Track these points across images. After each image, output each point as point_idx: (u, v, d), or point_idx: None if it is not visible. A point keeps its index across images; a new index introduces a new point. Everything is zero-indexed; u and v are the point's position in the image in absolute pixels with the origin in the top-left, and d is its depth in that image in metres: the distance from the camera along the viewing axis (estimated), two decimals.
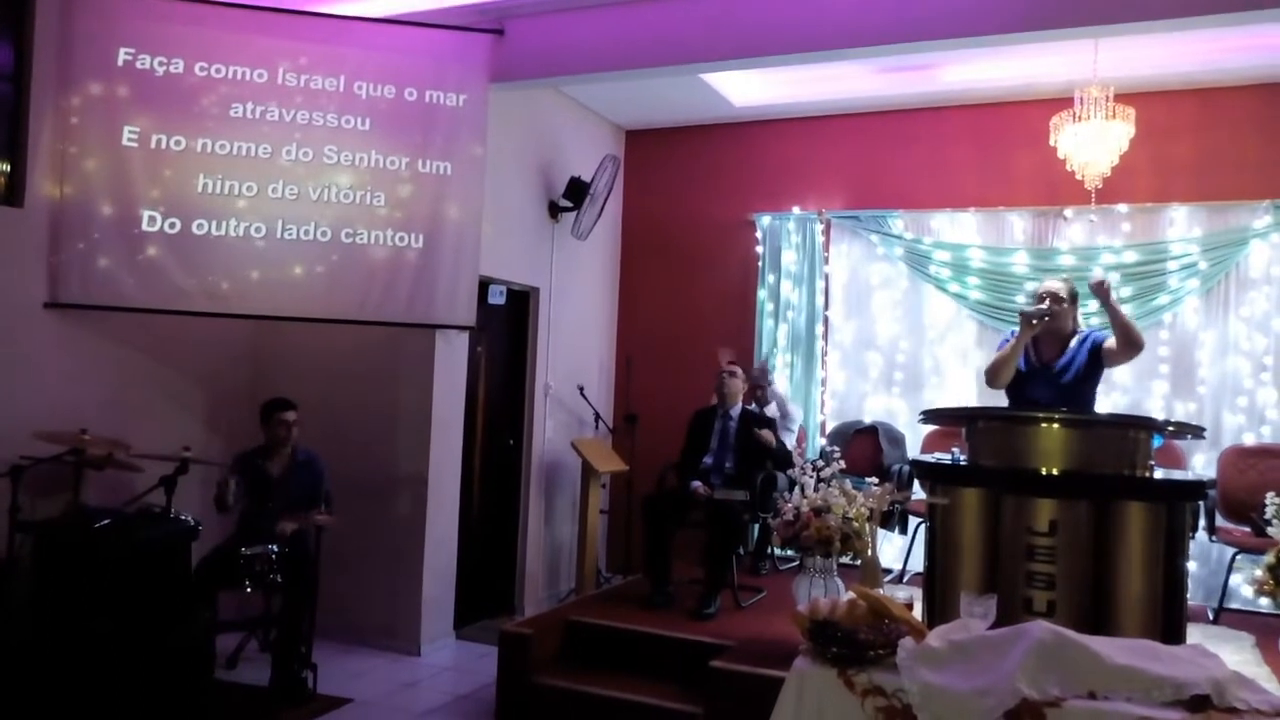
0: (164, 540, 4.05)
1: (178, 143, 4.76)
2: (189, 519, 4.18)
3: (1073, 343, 4.15)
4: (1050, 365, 4.16)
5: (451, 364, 5.59)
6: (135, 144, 4.69)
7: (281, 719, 4.25)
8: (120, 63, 4.66)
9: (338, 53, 5.03)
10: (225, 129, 4.83)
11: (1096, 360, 4.08)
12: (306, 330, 5.45)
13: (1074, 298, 4.18)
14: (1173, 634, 3.47)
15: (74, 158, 4.59)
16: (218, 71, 4.83)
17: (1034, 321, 4.02)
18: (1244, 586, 5.28)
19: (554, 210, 6.42)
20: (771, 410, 6.00)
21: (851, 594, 3.23)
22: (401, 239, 5.12)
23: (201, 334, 5.22)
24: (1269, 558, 3.43)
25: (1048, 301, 4.06)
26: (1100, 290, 3.94)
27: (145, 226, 4.70)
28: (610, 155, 6.48)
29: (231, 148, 4.83)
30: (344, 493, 5.01)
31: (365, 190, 5.06)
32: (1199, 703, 2.67)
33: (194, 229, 4.78)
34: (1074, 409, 4.01)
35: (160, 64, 4.73)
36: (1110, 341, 4.05)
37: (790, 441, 5.88)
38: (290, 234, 4.93)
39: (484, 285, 5.68)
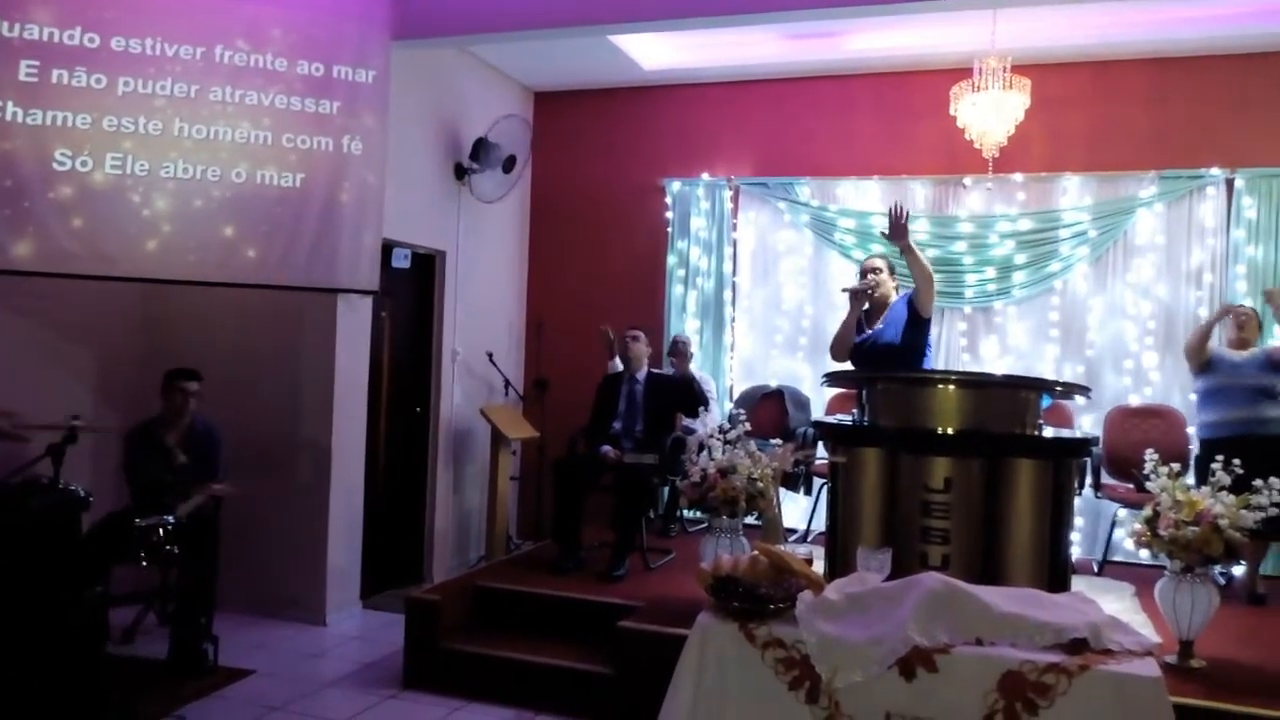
0: (52, 511, 3.89)
1: (59, 98, 4.49)
2: (79, 490, 4.02)
3: (892, 303, 4.54)
4: (878, 331, 4.52)
5: (354, 329, 5.47)
6: (13, 99, 4.43)
7: (180, 692, 4.14)
8: None
9: (234, 5, 4.83)
10: (112, 83, 4.59)
11: (913, 310, 4.42)
12: (202, 292, 5.26)
13: (892, 269, 4.61)
14: (1058, 584, 3.64)
15: None
16: (105, 25, 4.58)
17: (858, 295, 4.49)
18: (1126, 540, 5.56)
19: (460, 172, 6.30)
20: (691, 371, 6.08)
21: (754, 551, 3.29)
22: (299, 199, 4.95)
23: (89, 295, 5.00)
24: (1147, 511, 3.60)
25: (869, 276, 4.51)
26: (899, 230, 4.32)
27: (26, 184, 4.45)
28: (510, 115, 6.37)
29: (119, 101, 4.60)
30: (245, 461, 4.88)
31: (261, 148, 4.86)
32: (1077, 645, 2.82)
33: (80, 187, 4.54)
34: (907, 361, 4.36)
35: (40, 16, 4.47)
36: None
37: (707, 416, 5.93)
38: (183, 193, 4.71)
39: (388, 248, 5.56)
